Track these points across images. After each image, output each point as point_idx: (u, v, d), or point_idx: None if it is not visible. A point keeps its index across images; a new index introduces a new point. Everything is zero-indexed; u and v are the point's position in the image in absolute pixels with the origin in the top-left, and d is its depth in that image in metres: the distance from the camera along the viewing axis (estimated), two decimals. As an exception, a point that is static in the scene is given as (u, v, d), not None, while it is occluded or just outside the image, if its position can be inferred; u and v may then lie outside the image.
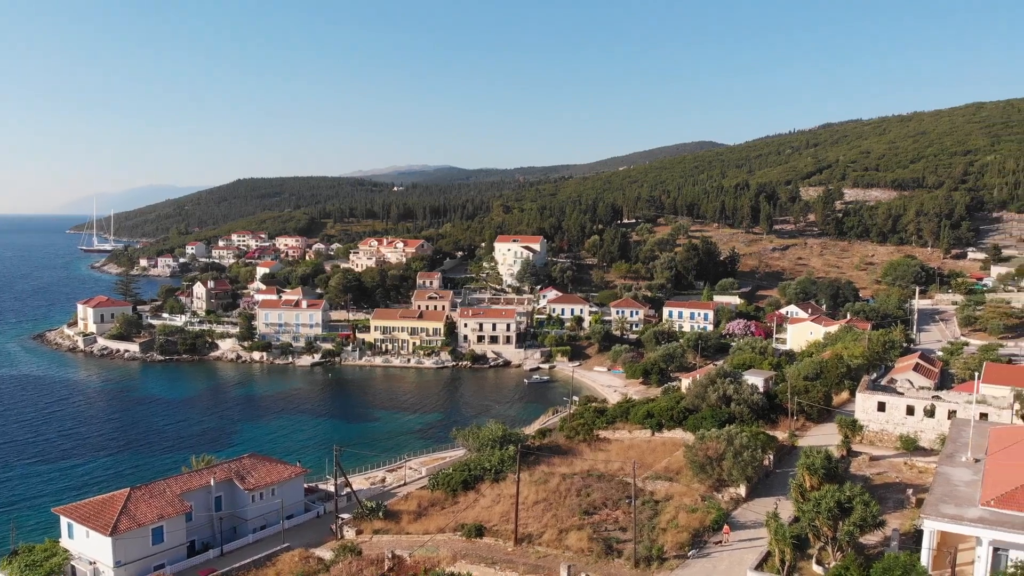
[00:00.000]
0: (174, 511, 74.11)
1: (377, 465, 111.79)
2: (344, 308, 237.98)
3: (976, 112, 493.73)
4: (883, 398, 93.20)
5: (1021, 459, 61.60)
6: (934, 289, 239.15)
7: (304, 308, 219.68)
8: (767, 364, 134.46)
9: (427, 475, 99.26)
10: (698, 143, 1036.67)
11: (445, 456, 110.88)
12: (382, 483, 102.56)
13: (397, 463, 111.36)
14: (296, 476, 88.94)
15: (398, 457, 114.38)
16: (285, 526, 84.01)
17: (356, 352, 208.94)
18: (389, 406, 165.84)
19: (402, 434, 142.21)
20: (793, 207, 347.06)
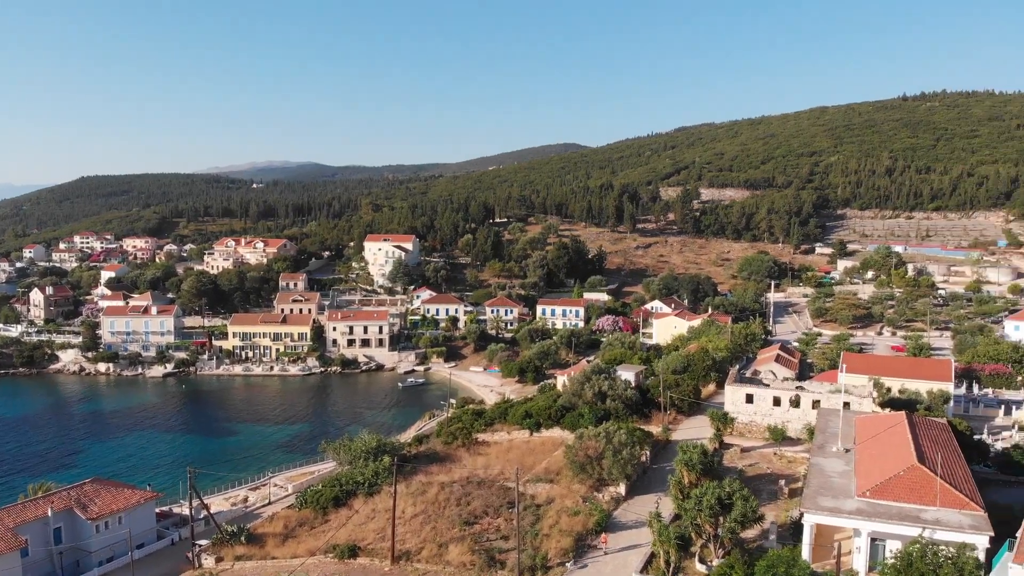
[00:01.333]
0: (6, 547, 64.80)
1: (238, 483, 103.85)
2: (199, 314, 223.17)
3: (820, 116, 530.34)
4: (751, 390, 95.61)
5: (889, 447, 63.89)
6: (786, 283, 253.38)
7: (154, 315, 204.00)
8: (637, 359, 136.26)
9: (294, 492, 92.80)
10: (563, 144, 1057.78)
11: (314, 470, 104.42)
12: (244, 503, 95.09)
13: (261, 480, 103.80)
14: (146, 501, 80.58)
15: (262, 474, 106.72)
16: (135, 557, 75.55)
17: (213, 361, 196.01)
18: (251, 418, 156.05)
19: (266, 448, 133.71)
20: (654, 207, 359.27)
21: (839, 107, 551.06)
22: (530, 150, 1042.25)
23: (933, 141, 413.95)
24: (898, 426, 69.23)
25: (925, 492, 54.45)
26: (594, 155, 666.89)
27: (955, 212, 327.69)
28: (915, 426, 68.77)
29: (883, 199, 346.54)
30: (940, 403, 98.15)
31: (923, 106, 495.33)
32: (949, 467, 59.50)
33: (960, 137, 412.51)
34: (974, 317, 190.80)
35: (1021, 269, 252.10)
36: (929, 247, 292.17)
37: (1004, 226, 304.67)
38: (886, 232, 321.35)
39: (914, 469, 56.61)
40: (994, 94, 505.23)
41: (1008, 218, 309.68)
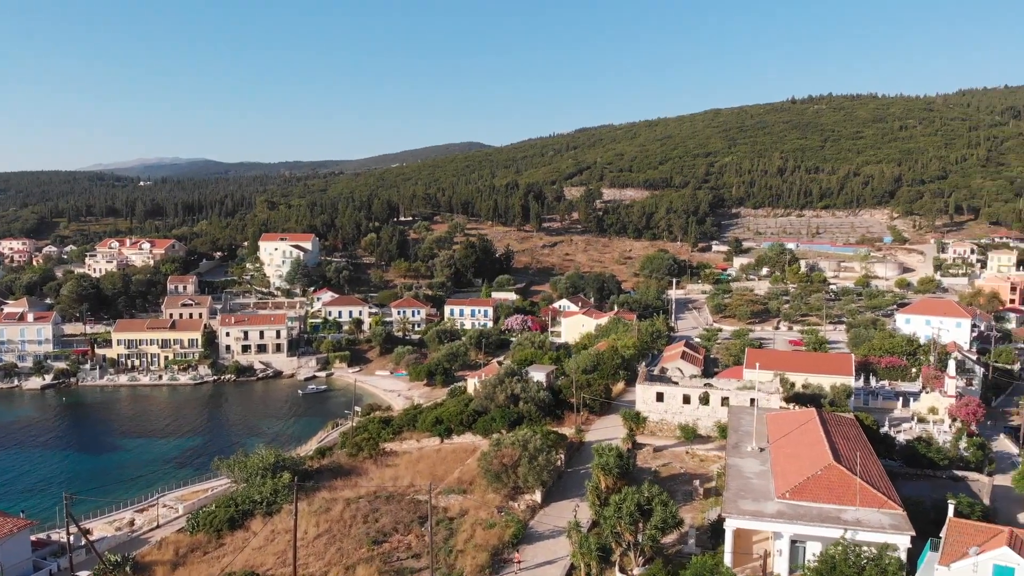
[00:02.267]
0: None
1: (124, 505, 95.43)
2: (80, 320, 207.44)
3: (714, 118, 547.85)
4: (661, 388, 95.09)
5: (803, 446, 63.74)
6: (686, 280, 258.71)
7: (31, 322, 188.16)
8: (547, 359, 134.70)
9: (186, 514, 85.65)
10: (466, 143, 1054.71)
11: (207, 488, 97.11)
12: (130, 528, 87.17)
13: (149, 501, 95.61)
14: (19, 530, 72.13)
15: (150, 493, 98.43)
16: (4, 594, 67.39)
17: (96, 371, 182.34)
18: (138, 432, 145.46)
19: (155, 465, 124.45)
20: (559, 206, 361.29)
21: (732, 109, 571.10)
22: (433, 148, 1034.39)
23: (821, 142, 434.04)
24: (810, 423, 69.49)
25: (844, 492, 54.16)
26: (498, 154, 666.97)
27: (843, 210, 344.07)
28: (826, 423, 69.18)
29: (775, 198, 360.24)
30: (843, 397, 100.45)
31: (811, 108, 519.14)
32: (864, 465, 59.66)
33: (846, 138, 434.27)
34: (865, 311, 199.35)
35: (907, 264, 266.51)
36: (820, 244, 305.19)
37: (889, 223, 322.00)
38: (779, 230, 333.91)
39: (831, 468, 56.37)
40: (877, 97, 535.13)
41: (892, 215, 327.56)
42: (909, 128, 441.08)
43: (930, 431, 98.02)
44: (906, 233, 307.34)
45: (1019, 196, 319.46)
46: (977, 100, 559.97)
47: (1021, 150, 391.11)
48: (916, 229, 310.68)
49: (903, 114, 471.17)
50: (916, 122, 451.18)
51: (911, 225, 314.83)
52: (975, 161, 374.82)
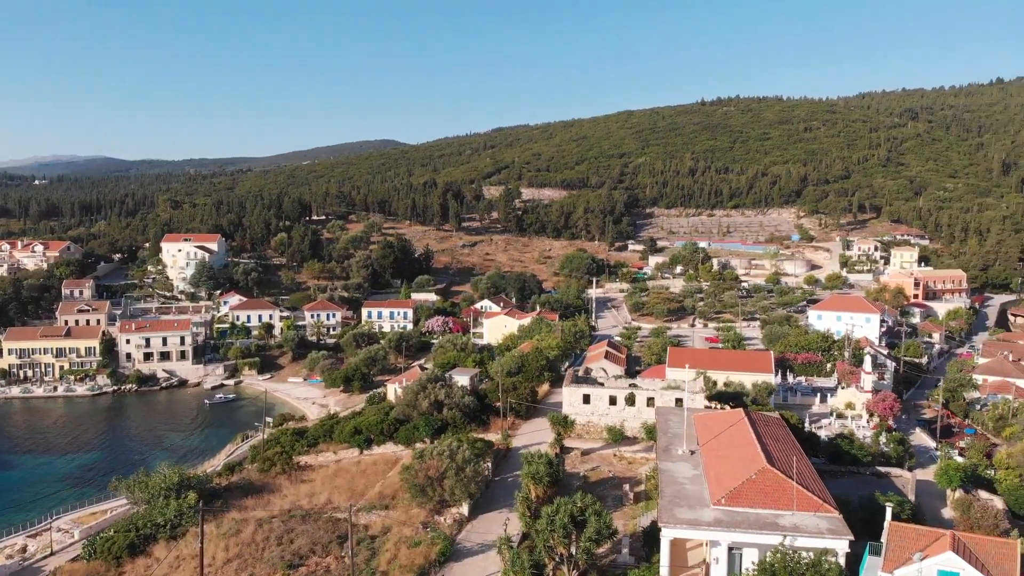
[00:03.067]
0: None
1: (15, 529, 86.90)
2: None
3: (627, 119, 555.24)
4: (588, 390, 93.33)
5: (735, 448, 62.61)
6: (604, 279, 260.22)
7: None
8: (471, 361, 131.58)
9: (82, 539, 78.45)
10: (382, 141, 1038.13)
11: (107, 509, 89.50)
12: (22, 555, 79.25)
13: (42, 524, 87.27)
14: None
15: (44, 516, 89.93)
16: None
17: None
18: (31, 448, 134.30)
19: (49, 484, 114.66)
20: (479, 205, 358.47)
21: (644, 111, 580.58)
22: (347, 145, 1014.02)
23: (730, 143, 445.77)
24: (739, 423, 68.65)
25: (780, 496, 53.05)
26: (415, 152, 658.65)
27: (752, 209, 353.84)
28: (755, 423, 68.44)
29: (687, 198, 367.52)
30: (765, 395, 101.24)
31: (720, 110, 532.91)
32: (798, 467, 58.89)
33: (754, 139, 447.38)
34: (776, 308, 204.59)
35: (814, 262, 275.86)
36: (731, 243, 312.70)
37: (796, 222, 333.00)
38: (691, 229, 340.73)
39: (766, 472, 55.24)
40: (782, 100, 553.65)
41: (799, 214, 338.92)
42: (813, 130, 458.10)
43: (850, 427, 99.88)
44: (813, 231, 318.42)
45: (918, 195, 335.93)
46: (877, 102, 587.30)
47: (919, 150, 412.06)
48: (822, 227, 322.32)
49: (807, 116, 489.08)
50: (820, 124, 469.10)
51: (817, 223, 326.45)
52: (876, 161, 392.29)
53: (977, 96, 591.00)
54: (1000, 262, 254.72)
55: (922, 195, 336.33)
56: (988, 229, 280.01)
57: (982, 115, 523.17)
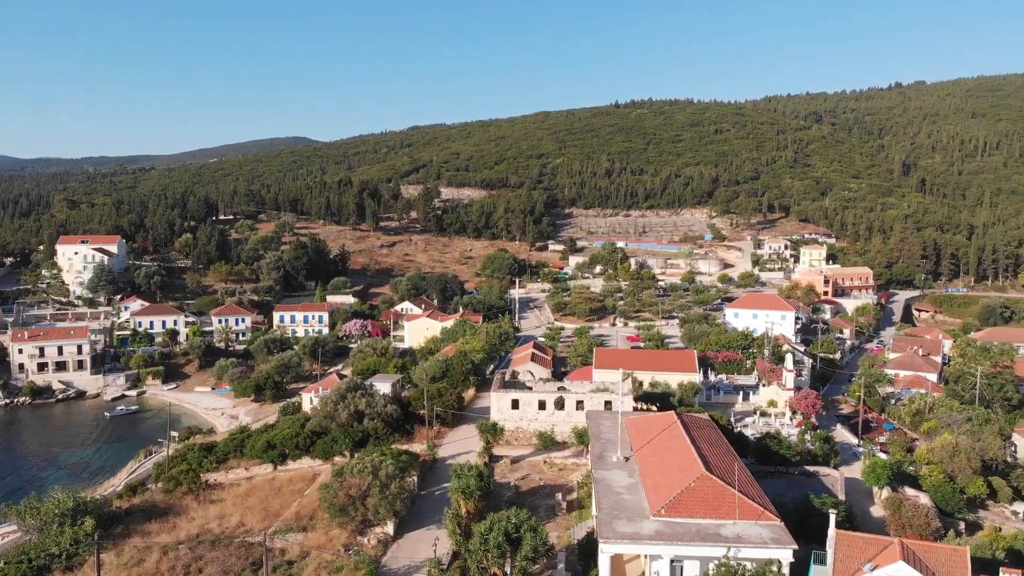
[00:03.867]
0: None
1: None
2: None
3: (544, 120, 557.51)
4: (517, 395, 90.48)
5: (670, 454, 60.71)
6: (526, 279, 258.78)
7: None
8: (392, 367, 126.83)
9: (-43, 576, 70.22)
10: (292, 138, 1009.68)
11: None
12: None
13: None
14: None
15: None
16: None
17: None
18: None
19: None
20: (396, 204, 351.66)
21: (561, 112, 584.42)
22: (256, 143, 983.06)
23: (644, 145, 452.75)
24: (672, 427, 67.03)
25: (720, 505, 51.35)
26: (328, 150, 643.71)
27: (666, 210, 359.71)
28: (688, 427, 66.95)
29: (604, 198, 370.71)
30: (691, 394, 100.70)
31: (634, 113, 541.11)
32: (733, 472, 57.52)
33: (667, 141, 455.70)
34: (693, 306, 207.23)
35: (727, 260, 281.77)
36: (647, 242, 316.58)
37: (709, 221, 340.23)
38: (609, 229, 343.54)
39: (705, 479, 53.50)
40: (693, 102, 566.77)
41: (711, 214, 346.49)
42: (723, 132, 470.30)
43: (775, 425, 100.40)
44: (725, 231, 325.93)
45: (824, 195, 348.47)
46: (783, 106, 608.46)
47: (824, 152, 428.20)
48: (734, 227, 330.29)
49: (718, 119, 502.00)
50: (730, 126, 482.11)
51: (729, 223, 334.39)
52: (784, 163, 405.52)
53: (877, 100, 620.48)
54: (903, 259, 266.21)
55: (828, 195, 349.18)
56: (891, 227, 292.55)
57: (882, 118, 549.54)
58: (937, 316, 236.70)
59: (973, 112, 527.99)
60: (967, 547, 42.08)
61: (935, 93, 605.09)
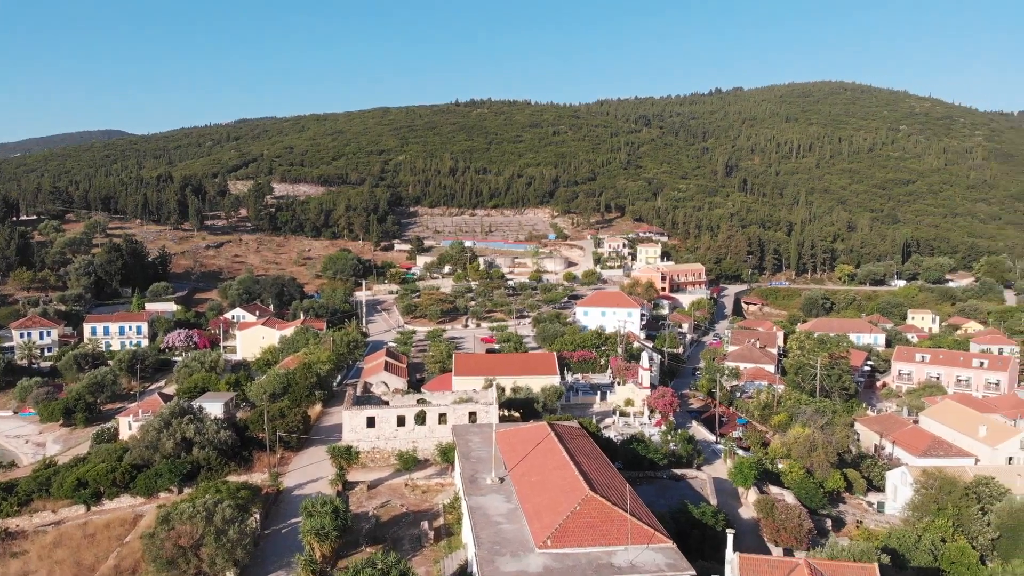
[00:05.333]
0: None
1: None
2: None
3: (384, 115, 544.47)
4: (372, 412, 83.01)
5: (549, 472, 55.83)
6: (372, 280, 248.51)
7: None
8: (224, 383, 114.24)
9: None
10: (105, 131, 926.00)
11: None
12: None
13: None
14: None
15: None
16: None
17: None
18: None
19: None
20: (224, 201, 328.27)
21: (401, 109, 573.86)
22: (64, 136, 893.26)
23: (487, 144, 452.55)
24: (547, 441, 62.58)
25: (609, 529, 47.14)
26: (145, 143, 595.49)
27: (510, 209, 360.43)
28: (563, 439, 62.75)
29: (449, 197, 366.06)
30: (554, 399, 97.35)
31: (474, 112, 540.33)
32: (617, 488, 53.75)
33: (508, 141, 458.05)
34: (542, 304, 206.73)
35: (571, 259, 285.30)
36: (494, 241, 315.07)
37: (551, 221, 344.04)
38: (455, 228, 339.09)
39: (591, 501, 49.16)
40: (531, 104, 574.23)
41: (553, 214, 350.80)
42: (561, 133, 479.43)
43: (634, 425, 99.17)
44: (567, 230, 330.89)
45: (656, 195, 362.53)
46: (614, 109, 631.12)
47: (654, 154, 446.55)
48: (575, 226, 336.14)
49: (555, 120, 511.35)
50: (567, 128, 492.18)
51: (570, 222, 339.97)
52: (618, 164, 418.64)
53: (700, 105, 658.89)
54: (731, 255, 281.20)
55: (659, 195, 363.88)
56: (718, 225, 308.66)
57: (705, 122, 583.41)
58: (764, 308, 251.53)
59: (787, 116, 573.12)
60: (875, 565, 40.36)
61: (752, 99, 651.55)
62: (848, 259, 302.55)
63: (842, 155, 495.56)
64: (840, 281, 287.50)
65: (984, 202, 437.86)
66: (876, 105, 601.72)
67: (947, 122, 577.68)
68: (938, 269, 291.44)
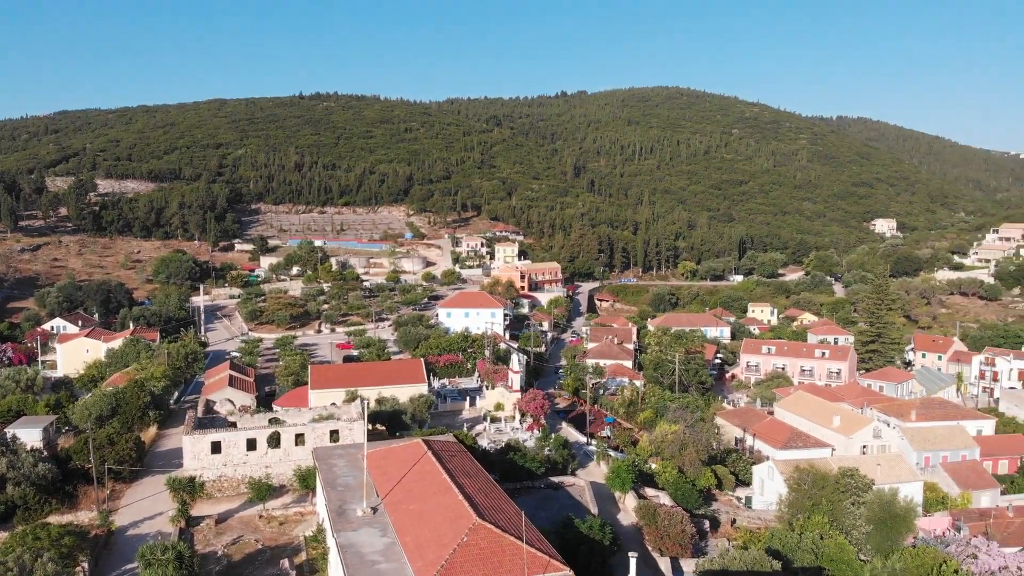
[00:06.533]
0: None
1: None
2: None
3: (221, 108, 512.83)
4: (217, 436, 74.30)
5: (429, 498, 50.52)
6: (210, 283, 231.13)
7: None
8: (42, 406, 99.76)
9: None
10: None
11: None
12: None
13: None
14: None
15: None
16: None
17: None
18: None
19: None
20: (41, 200, 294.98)
21: (239, 100, 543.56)
22: None
23: (335, 139, 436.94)
24: (423, 462, 57.29)
25: (503, 560, 42.69)
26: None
27: (363, 207, 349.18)
28: (442, 458, 57.77)
29: (296, 194, 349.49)
30: (424, 409, 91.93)
31: (320, 105, 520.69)
32: (505, 511, 49.48)
33: (358, 137, 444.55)
34: (401, 306, 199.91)
35: (428, 258, 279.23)
36: (346, 240, 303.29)
37: (407, 219, 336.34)
38: (303, 227, 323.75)
39: (479, 530, 44.49)
40: (381, 99, 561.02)
41: (408, 212, 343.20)
42: (413, 131, 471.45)
43: (506, 430, 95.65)
44: (423, 229, 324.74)
45: (510, 195, 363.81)
46: (465, 108, 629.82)
47: (507, 154, 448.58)
48: (431, 225, 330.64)
49: (407, 117, 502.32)
50: (419, 125, 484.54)
51: (427, 221, 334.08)
52: (472, 163, 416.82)
53: (547, 107, 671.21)
54: (583, 254, 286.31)
55: (514, 195, 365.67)
56: (570, 225, 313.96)
57: (553, 124, 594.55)
58: (616, 305, 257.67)
59: (629, 120, 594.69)
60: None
61: (596, 102, 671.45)
62: (690, 256, 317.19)
63: (680, 157, 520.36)
64: (683, 277, 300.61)
65: (810, 201, 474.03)
66: (710, 110, 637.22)
67: (775, 126, 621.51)
68: (772, 264, 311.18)
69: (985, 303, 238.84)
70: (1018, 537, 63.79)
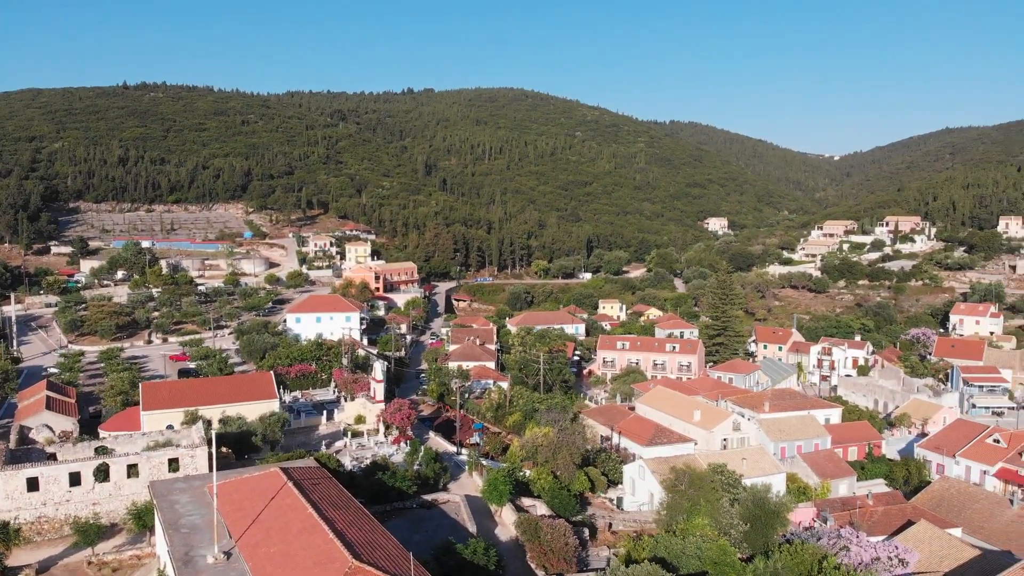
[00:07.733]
0: None
1: None
2: None
3: (36, 98, 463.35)
4: (33, 471, 63.68)
5: (292, 536, 44.40)
6: (23, 291, 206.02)
7: None
8: None
9: None
10: None
11: None
12: None
13: None
14: None
15: None
16: None
17: None
18: None
19: None
20: None
21: (56, 90, 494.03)
22: None
23: (163, 132, 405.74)
24: (283, 494, 51.05)
25: (386, 607, 37.81)
26: None
27: (196, 204, 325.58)
28: (304, 489, 51.81)
29: (120, 191, 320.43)
30: (277, 428, 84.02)
31: (147, 96, 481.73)
32: (383, 547, 44.43)
33: (189, 130, 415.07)
34: (243, 312, 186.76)
35: (272, 259, 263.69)
36: (178, 241, 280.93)
37: (246, 218, 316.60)
38: (128, 226, 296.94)
39: (357, 573, 39.30)
40: (214, 91, 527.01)
41: (248, 210, 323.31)
42: (251, 124, 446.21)
43: (369, 445, 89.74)
44: (264, 228, 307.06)
45: (360, 192, 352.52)
46: (307, 102, 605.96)
47: (354, 150, 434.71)
48: (274, 223, 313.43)
49: (243, 109, 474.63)
50: (257, 118, 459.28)
51: (268, 220, 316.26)
52: (317, 159, 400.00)
53: (394, 103, 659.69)
54: (439, 253, 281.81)
55: (364, 192, 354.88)
56: (424, 224, 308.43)
57: (402, 120, 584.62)
58: (473, 304, 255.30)
59: (477, 120, 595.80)
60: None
61: (443, 100, 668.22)
62: (542, 255, 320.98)
63: (529, 158, 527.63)
64: (537, 275, 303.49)
65: (649, 201, 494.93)
66: (554, 112, 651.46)
67: (614, 130, 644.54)
68: (617, 262, 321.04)
69: (814, 295, 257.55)
70: (882, 526, 66.36)
